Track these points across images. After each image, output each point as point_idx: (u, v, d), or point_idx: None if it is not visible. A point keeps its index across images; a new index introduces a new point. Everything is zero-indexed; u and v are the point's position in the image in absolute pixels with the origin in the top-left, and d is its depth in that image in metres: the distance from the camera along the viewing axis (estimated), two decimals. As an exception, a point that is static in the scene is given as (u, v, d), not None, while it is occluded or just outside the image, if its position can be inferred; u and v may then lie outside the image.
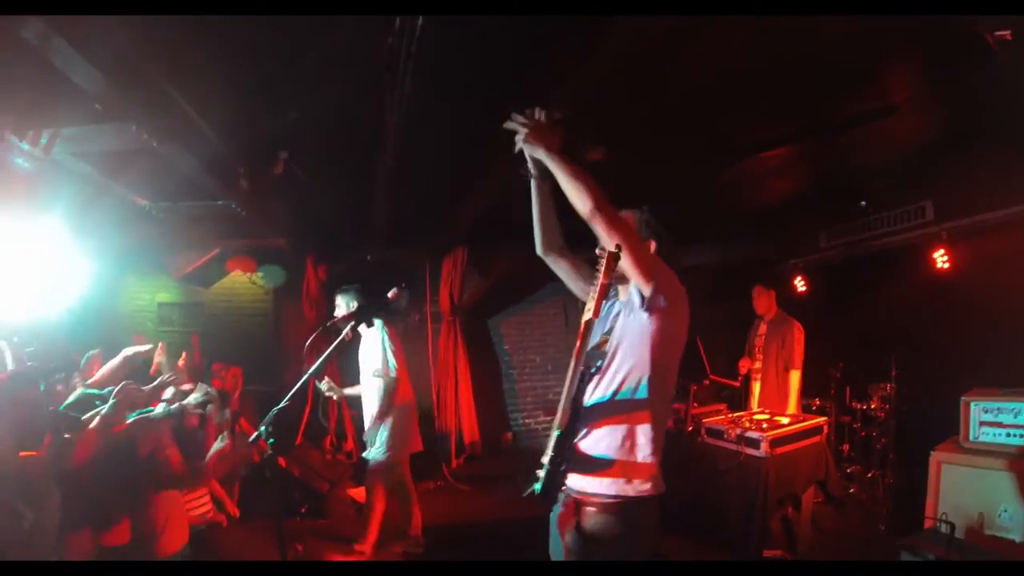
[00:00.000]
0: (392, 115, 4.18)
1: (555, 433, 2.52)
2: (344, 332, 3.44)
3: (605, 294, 2.32)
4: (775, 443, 5.06)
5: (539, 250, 2.95)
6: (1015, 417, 4.76)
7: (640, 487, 2.48)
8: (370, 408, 5.55)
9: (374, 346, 5.52)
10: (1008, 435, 4.78)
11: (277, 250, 8.35)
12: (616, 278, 2.58)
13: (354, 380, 5.79)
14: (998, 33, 3.27)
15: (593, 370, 2.60)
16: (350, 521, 6.41)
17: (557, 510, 2.73)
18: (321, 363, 3.28)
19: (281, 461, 6.31)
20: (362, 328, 5.36)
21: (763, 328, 6.96)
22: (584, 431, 2.56)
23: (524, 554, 3.18)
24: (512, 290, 9.57)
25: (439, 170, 5.93)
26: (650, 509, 2.53)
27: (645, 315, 2.45)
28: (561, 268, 2.99)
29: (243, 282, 9.75)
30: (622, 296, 2.71)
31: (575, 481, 2.58)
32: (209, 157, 4.91)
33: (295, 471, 6.70)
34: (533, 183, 2.75)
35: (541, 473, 2.52)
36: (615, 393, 2.54)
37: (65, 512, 3.27)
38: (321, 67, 4.02)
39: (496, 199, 6.22)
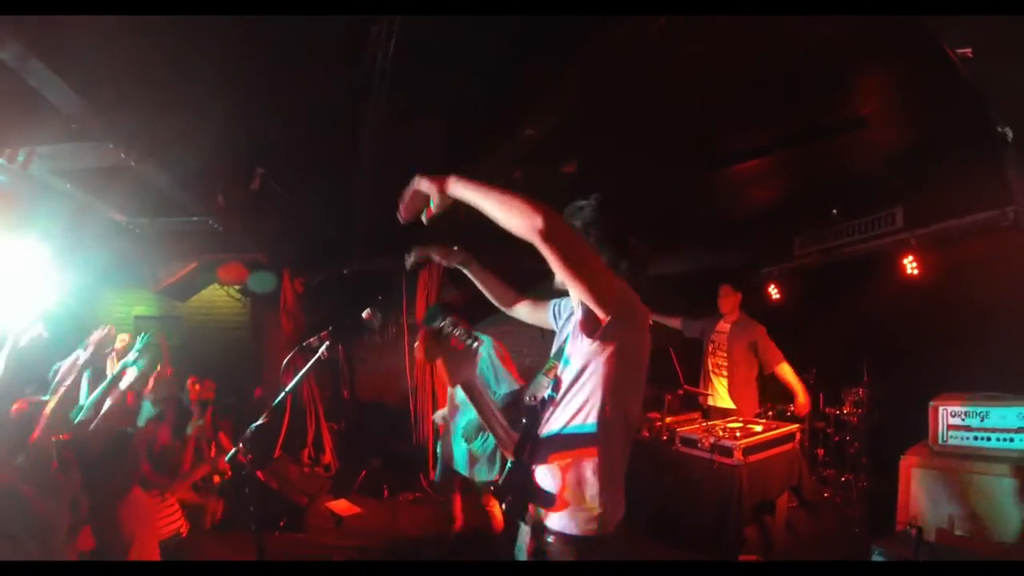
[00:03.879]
0: (368, 126, 4.23)
1: (508, 463, 2.48)
2: (319, 351, 3.48)
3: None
4: (748, 451, 5.13)
5: (504, 310, 3.19)
6: (981, 421, 4.85)
7: (586, 527, 2.33)
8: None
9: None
10: (975, 438, 4.88)
11: (255, 263, 8.37)
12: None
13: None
14: (959, 51, 3.36)
15: (546, 397, 2.47)
16: (328, 534, 6.43)
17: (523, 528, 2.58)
18: (298, 381, 3.36)
19: (259, 475, 6.30)
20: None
21: (723, 326, 6.96)
22: (541, 462, 2.43)
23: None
24: (488, 301, 9.56)
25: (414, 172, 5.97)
26: (596, 546, 2.35)
27: (596, 344, 2.23)
28: (521, 314, 3.15)
29: (221, 295, 9.75)
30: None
31: (532, 509, 2.46)
32: (186, 175, 4.92)
33: (273, 485, 6.69)
34: (466, 270, 3.06)
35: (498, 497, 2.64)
36: (564, 427, 2.37)
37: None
38: (297, 81, 4.07)
39: (469, 209, 6.27)
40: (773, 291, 8.25)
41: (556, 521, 2.36)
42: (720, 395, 6.88)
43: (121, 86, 3.67)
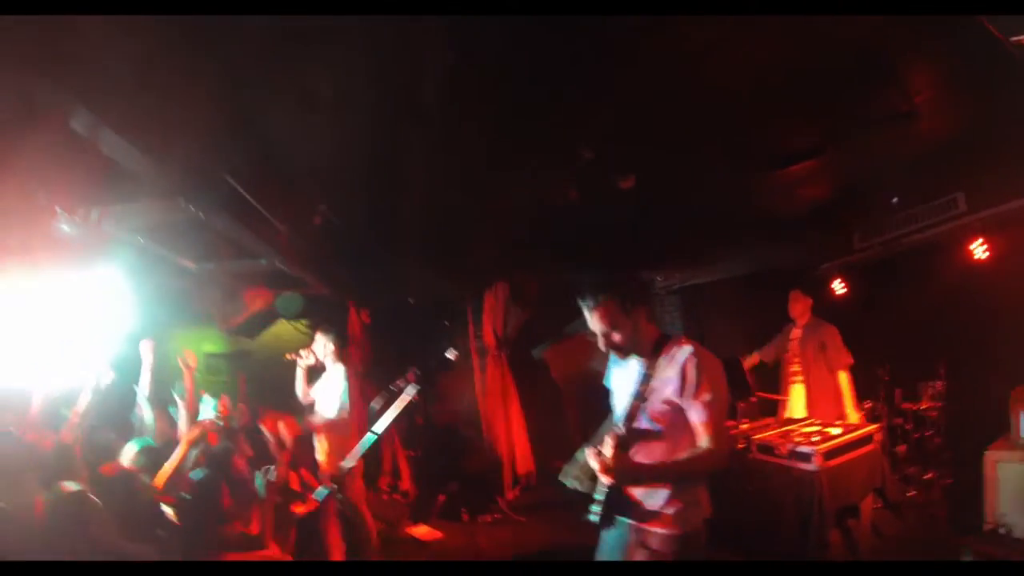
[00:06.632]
0: (421, 146, 4.30)
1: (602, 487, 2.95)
2: (409, 393, 3.61)
3: None
4: (828, 455, 5.01)
5: None
6: (1068, 410, 4.73)
7: (687, 524, 2.93)
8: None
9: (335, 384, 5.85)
10: (1062, 430, 4.76)
11: (321, 298, 8.55)
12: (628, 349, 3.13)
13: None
14: (1014, 39, 3.30)
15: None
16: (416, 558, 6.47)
17: (614, 533, 3.08)
18: (388, 426, 3.49)
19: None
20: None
21: (797, 332, 6.94)
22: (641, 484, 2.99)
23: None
24: (553, 316, 9.57)
25: (471, 198, 6.03)
26: (697, 537, 2.97)
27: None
28: None
29: (288, 329, 9.91)
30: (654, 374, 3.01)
31: (636, 514, 3.00)
32: (252, 220, 5.05)
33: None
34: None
35: (595, 507, 2.95)
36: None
37: None
38: (351, 114, 4.14)
39: (528, 223, 6.30)
40: (838, 287, 8.10)
41: (660, 525, 2.92)
42: (795, 405, 6.79)
43: (188, 144, 3.79)
